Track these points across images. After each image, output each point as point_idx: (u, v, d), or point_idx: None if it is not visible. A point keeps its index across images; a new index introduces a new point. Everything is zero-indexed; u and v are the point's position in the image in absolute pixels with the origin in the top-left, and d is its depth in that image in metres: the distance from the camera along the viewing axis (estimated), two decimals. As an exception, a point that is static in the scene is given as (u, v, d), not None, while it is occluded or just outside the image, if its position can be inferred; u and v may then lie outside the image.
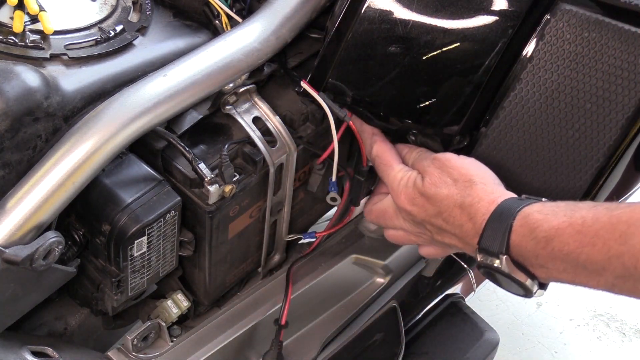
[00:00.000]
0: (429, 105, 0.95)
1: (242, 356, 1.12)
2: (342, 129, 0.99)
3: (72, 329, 1.06)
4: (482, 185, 0.88)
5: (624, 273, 0.72)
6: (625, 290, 0.74)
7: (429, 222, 0.93)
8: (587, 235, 0.74)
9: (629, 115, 0.90)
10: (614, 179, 0.97)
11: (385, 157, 0.99)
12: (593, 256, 0.74)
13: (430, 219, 0.93)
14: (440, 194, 0.90)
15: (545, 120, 0.92)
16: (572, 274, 0.78)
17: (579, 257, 0.75)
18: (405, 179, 0.96)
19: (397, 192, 0.96)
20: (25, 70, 0.81)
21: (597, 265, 0.74)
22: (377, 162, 1.00)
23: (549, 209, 0.80)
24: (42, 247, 0.80)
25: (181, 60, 0.91)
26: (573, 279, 0.78)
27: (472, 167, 0.91)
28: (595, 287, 0.77)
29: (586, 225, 0.75)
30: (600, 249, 0.73)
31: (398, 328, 1.21)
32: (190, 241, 0.97)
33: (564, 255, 0.76)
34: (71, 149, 0.81)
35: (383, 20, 0.92)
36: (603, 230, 0.73)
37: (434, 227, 0.93)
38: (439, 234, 0.93)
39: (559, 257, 0.77)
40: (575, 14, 0.89)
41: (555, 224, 0.77)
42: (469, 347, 1.26)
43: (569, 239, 0.76)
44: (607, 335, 1.92)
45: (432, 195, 0.91)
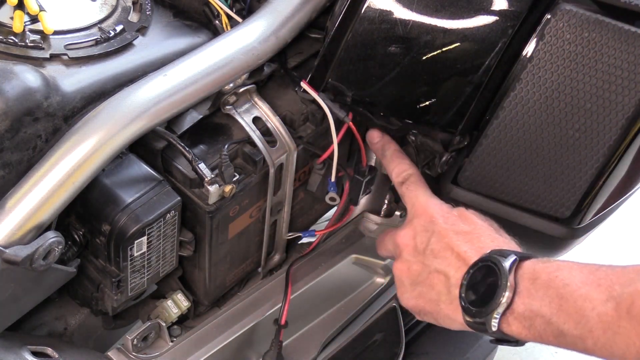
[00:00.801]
0: (429, 105, 0.95)
1: (242, 356, 1.12)
2: (342, 130, 0.99)
3: (72, 329, 1.06)
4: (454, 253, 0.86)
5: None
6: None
7: (424, 256, 0.91)
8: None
9: (629, 115, 0.90)
10: (614, 179, 0.97)
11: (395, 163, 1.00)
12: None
13: (424, 249, 0.91)
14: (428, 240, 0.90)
15: (545, 120, 0.92)
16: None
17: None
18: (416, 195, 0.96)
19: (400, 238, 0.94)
20: (25, 70, 0.81)
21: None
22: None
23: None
24: (42, 247, 0.80)
25: (181, 60, 0.91)
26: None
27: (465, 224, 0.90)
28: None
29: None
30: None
31: (398, 328, 1.21)
32: (190, 241, 0.97)
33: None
34: (71, 149, 0.81)
35: (383, 20, 0.92)
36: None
37: (425, 265, 0.90)
38: (425, 268, 0.90)
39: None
40: (575, 14, 0.89)
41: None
42: (469, 347, 1.26)
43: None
44: (607, 335, 1.92)
45: (423, 241, 0.91)
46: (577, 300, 0.74)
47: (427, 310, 0.89)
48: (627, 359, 0.70)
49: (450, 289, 0.85)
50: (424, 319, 0.92)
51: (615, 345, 0.70)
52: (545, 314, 0.76)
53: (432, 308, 0.88)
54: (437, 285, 0.87)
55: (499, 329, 0.79)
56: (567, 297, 0.74)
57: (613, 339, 0.71)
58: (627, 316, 0.69)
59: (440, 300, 0.87)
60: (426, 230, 0.90)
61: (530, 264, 0.79)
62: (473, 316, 0.81)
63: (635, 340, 0.69)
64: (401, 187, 0.98)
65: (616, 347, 0.70)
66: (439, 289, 0.87)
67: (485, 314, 0.79)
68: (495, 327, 0.79)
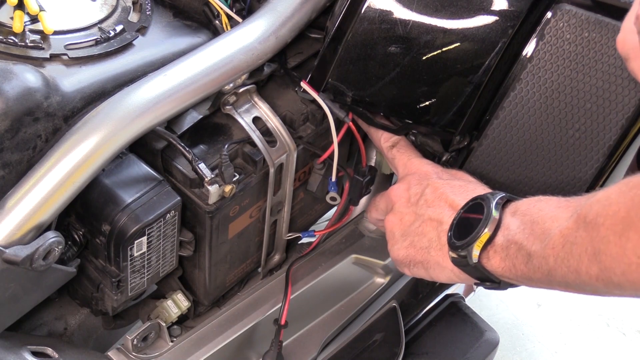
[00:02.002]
0: (429, 105, 0.95)
1: (242, 356, 1.12)
2: (342, 130, 0.99)
3: (72, 329, 1.06)
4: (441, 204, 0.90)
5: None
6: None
7: (412, 212, 0.93)
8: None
9: (629, 115, 0.90)
10: (614, 180, 0.97)
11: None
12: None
13: (413, 208, 0.93)
14: (410, 213, 0.93)
15: (545, 120, 0.92)
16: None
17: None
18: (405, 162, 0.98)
19: (387, 221, 0.96)
20: (25, 70, 0.81)
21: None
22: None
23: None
24: (42, 247, 0.80)
25: (181, 60, 0.91)
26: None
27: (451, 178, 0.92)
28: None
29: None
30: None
31: (398, 328, 1.21)
32: (190, 241, 0.97)
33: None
34: (71, 149, 0.81)
35: (383, 20, 0.92)
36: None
37: (415, 216, 0.92)
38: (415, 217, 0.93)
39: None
40: (575, 14, 0.89)
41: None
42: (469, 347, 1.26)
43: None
44: (607, 335, 1.92)
45: (408, 201, 0.93)
46: (547, 221, 0.75)
47: (418, 260, 0.90)
48: (580, 269, 0.69)
49: (441, 235, 0.86)
50: (414, 272, 0.92)
51: (571, 256, 0.70)
52: (518, 239, 0.77)
53: (423, 256, 0.89)
54: (429, 232, 0.88)
55: (479, 261, 0.80)
56: (539, 221, 0.76)
57: (570, 250, 0.71)
58: (584, 225, 0.69)
59: (431, 247, 0.88)
60: (420, 183, 0.92)
61: (516, 202, 0.82)
62: (456, 249, 0.82)
63: (588, 246, 0.68)
64: (391, 150, 0.99)
65: (572, 258, 0.70)
66: (430, 236, 0.88)
67: (467, 246, 0.80)
68: (475, 259, 0.80)
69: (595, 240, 0.67)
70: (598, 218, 0.67)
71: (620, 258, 0.65)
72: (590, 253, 0.68)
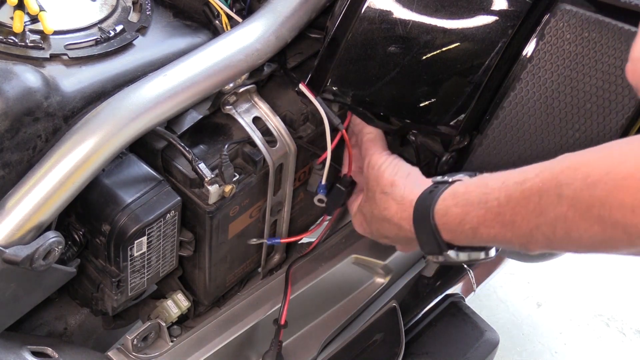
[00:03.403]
0: (429, 105, 0.95)
1: (242, 356, 1.12)
2: (338, 135, 0.99)
3: (72, 329, 1.06)
4: (392, 193, 0.91)
5: (547, 242, 0.73)
6: (557, 251, 0.78)
7: (380, 237, 0.97)
8: (505, 216, 0.76)
9: (629, 115, 0.90)
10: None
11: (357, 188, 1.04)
12: (517, 232, 0.76)
13: (377, 236, 0.97)
14: (368, 212, 0.95)
15: (545, 120, 0.92)
16: (507, 247, 0.81)
17: (506, 236, 0.77)
18: (354, 205, 1.01)
19: (353, 222, 1.02)
20: (25, 70, 0.81)
21: (523, 238, 0.76)
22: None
23: (463, 199, 0.81)
24: (42, 247, 0.80)
25: (181, 60, 0.91)
26: (510, 249, 0.81)
27: (385, 173, 0.93)
28: (530, 252, 0.79)
29: (502, 205, 0.76)
30: (520, 224, 0.75)
31: (398, 328, 1.21)
32: (190, 241, 0.97)
33: (492, 238, 0.79)
34: (71, 149, 0.81)
35: (383, 20, 0.92)
36: (518, 207, 0.74)
37: (388, 240, 0.96)
38: (396, 242, 0.97)
39: (489, 240, 0.80)
40: (575, 14, 0.89)
41: (475, 214, 0.79)
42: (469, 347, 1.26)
43: (492, 223, 0.78)
44: (607, 335, 1.92)
45: (365, 214, 0.97)
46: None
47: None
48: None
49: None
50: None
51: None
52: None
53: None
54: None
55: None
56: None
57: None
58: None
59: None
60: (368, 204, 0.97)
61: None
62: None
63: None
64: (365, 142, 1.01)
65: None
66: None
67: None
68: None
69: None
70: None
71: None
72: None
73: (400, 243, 0.96)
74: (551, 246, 0.74)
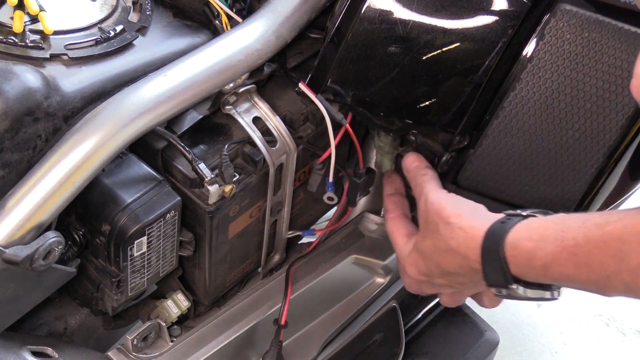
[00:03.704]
0: (429, 105, 0.95)
1: (242, 356, 1.12)
2: (340, 132, 0.99)
3: (72, 329, 1.06)
4: (459, 222, 0.86)
5: (626, 289, 0.71)
6: (636, 298, 0.74)
7: (437, 276, 0.91)
8: (581, 257, 0.73)
9: (629, 115, 0.90)
10: (613, 180, 0.97)
11: (393, 236, 0.98)
12: (592, 276, 0.73)
13: (434, 274, 0.91)
14: (429, 247, 0.90)
15: (545, 120, 0.92)
16: (579, 289, 0.78)
17: (580, 278, 0.75)
18: (408, 248, 0.95)
19: (404, 267, 0.95)
20: (25, 70, 0.81)
21: (599, 283, 0.73)
22: (390, 237, 1.00)
23: (537, 233, 0.78)
24: (42, 247, 0.80)
25: (181, 60, 0.91)
26: (583, 290, 0.78)
27: (449, 205, 0.89)
28: (607, 296, 0.76)
29: (579, 246, 0.73)
30: (597, 268, 0.72)
31: (398, 328, 1.21)
32: (190, 241, 0.97)
33: (564, 277, 0.76)
34: (71, 149, 0.81)
35: (383, 20, 0.92)
36: (597, 250, 0.72)
37: (444, 279, 0.91)
38: (452, 282, 0.91)
39: (561, 279, 0.77)
40: (575, 14, 0.89)
41: (549, 250, 0.76)
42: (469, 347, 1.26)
43: (566, 263, 0.74)
44: (607, 335, 1.92)
45: (423, 250, 0.91)
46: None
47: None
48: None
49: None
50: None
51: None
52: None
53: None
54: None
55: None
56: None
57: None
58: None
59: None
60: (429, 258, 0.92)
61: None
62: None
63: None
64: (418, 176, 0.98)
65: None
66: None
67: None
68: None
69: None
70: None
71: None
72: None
73: (458, 281, 0.90)
74: (630, 293, 0.72)
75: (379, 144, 1.11)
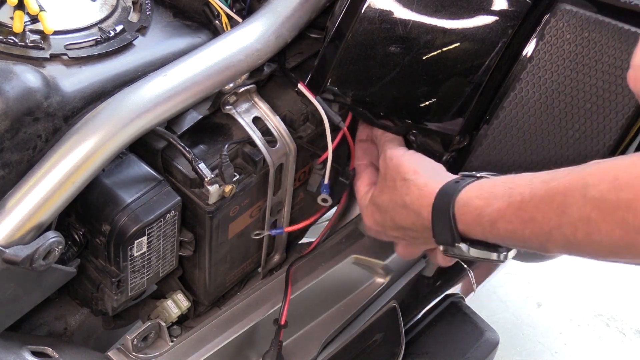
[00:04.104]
0: (429, 105, 0.95)
1: (242, 356, 1.12)
2: (339, 135, 0.99)
3: (72, 329, 1.06)
4: (415, 180, 0.88)
5: (566, 243, 0.73)
6: (574, 254, 0.76)
7: (391, 229, 0.94)
8: (527, 212, 0.75)
9: (629, 115, 0.90)
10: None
11: (357, 183, 1.01)
12: (536, 230, 0.75)
13: (389, 227, 0.94)
14: (385, 201, 0.92)
15: (545, 120, 0.92)
16: (522, 247, 0.80)
17: (524, 233, 0.76)
18: (366, 198, 0.98)
19: (363, 214, 0.99)
20: (25, 70, 0.81)
21: (542, 237, 0.75)
22: (353, 183, 1.03)
23: (487, 192, 0.80)
24: (42, 247, 0.80)
25: (181, 60, 0.91)
26: (525, 248, 0.80)
27: (407, 162, 0.91)
28: (547, 253, 0.78)
29: (525, 201, 0.75)
30: (540, 222, 0.74)
31: (398, 328, 1.21)
32: (190, 241, 0.97)
33: (509, 234, 0.78)
34: (71, 149, 0.81)
35: (383, 20, 0.92)
36: (542, 204, 0.73)
37: (398, 232, 0.94)
38: (405, 236, 0.94)
39: (506, 236, 0.79)
40: (575, 14, 0.89)
41: (496, 207, 0.78)
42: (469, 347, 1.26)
43: (511, 218, 0.76)
44: (607, 335, 1.92)
45: (380, 204, 0.94)
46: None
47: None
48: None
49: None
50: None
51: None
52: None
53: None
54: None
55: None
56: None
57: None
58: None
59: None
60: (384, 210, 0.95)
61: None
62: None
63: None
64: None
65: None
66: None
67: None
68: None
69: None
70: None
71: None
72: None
73: (410, 235, 0.93)
74: (570, 248, 0.73)
75: (379, 144, 1.11)
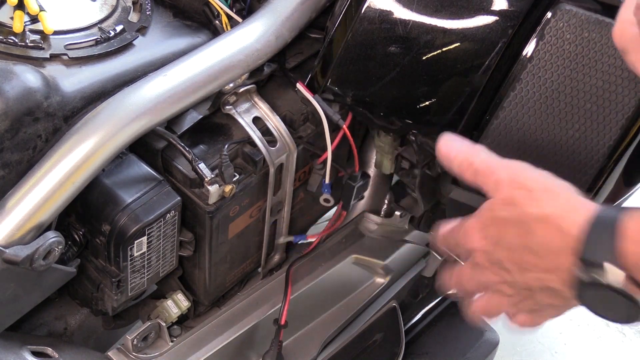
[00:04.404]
0: (429, 105, 0.95)
1: (242, 356, 1.12)
2: (339, 134, 1.00)
3: (72, 329, 1.06)
4: (567, 195, 0.71)
5: None
6: None
7: (507, 254, 0.75)
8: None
9: (629, 115, 0.90)
10: (613, 179, 0.97)
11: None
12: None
13: (507, 250, 0.74)
14: (499, 219, 0.73)
15: (546, 120, 0.92)
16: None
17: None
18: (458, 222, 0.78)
19: (468, 235, 0.77)
20: (25, 70, 0.81)
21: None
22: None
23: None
24: (42, 247, 0.80)
25: (181, 60, 0.91)
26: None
27: (527, 172, 0.76)
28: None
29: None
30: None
31: (398, 328, 1.21)
32: (190, 241, 0.97)
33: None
34: (71, 149, 0.81)
35: (383, 20, 0.92)
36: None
37: (515, 262, 0.75)
38: (521, 272, 0.76)
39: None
40: (575, 14, 0.89)
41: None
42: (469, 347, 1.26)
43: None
44: (607, 335, 1.92)
45: (490, 224, 0.74)
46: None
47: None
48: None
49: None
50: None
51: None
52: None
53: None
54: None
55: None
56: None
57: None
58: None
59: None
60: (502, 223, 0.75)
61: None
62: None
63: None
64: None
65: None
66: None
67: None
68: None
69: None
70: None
71: None
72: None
73: (522, 274, 0.76)
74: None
75: (379, 144, 1.11)
